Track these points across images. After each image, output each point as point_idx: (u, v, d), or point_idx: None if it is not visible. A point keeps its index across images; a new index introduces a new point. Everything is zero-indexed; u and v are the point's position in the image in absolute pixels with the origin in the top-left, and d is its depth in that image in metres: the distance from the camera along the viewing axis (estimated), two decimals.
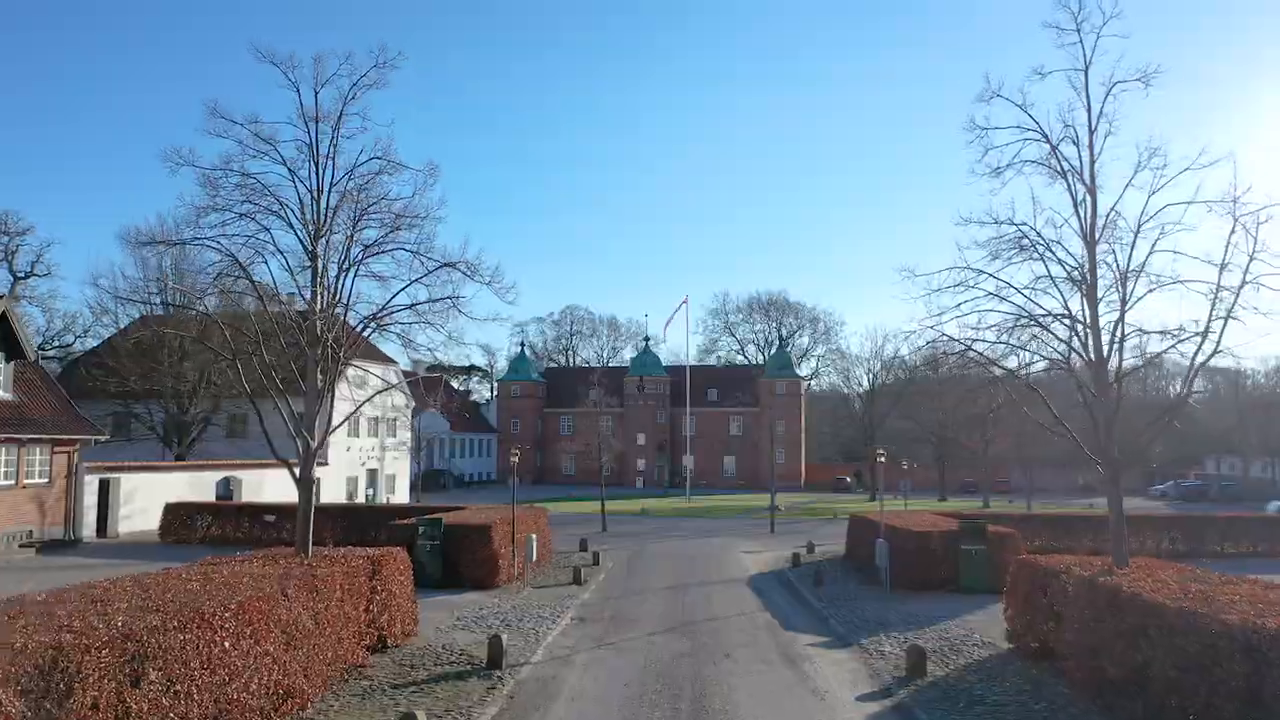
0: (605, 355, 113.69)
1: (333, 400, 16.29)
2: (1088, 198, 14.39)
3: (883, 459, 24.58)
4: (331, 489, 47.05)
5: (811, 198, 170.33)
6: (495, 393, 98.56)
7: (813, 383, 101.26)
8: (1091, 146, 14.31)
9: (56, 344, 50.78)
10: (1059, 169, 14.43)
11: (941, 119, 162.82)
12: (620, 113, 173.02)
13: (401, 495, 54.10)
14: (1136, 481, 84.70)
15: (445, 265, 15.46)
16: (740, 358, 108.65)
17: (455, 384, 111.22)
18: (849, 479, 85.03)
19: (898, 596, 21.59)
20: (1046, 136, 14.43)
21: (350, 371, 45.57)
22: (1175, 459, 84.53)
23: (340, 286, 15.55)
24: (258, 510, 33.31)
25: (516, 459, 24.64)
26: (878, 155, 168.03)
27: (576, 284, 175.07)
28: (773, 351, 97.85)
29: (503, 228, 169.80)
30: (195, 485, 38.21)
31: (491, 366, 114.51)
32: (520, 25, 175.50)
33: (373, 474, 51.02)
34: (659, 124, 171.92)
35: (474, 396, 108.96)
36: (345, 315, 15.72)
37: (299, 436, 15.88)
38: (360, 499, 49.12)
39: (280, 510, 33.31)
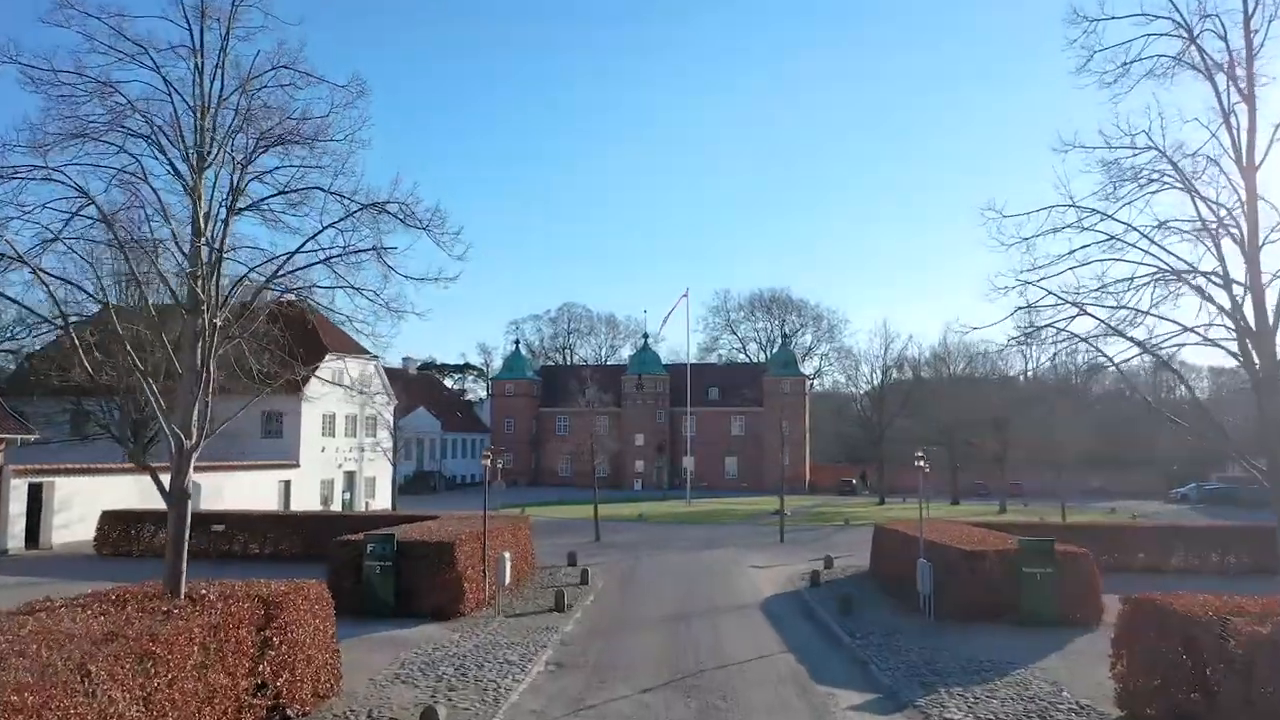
0: (604, 353, 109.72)
1: (209, 382, 12.14)
2: (1241, 109, 10.34)
3: (923, 464, 20.50)
4: (305, 493, 43.03)
5: (813, 193, 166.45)
6: (490, 391, 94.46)
7: (815, 382, 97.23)
8: (1248, 38, 10.27)
9: (7, 337, 46.69)
10: (1202, 68, 10.38)
11: (944, 100, 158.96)
12: (618, 108, 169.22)
13: (384, 500, 50.01)
14: (1153, 484, 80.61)
15: (370, 206, 11.38)
16: (742, 356, 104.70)
17: (449, 382, 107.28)
18: (854, 481, 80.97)
19: (946, 629, 17.54)
20: (1184, 25, 10.38)
21: (327, 364, 41.16)
22: (1193, 460, 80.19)
23: (228, 233, 11.47)
24: (205, 520, 29.24)
25: (489, 462, 20.58)
26: (880, 148, 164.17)
27: (574, 281, 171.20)
28: (775, 349, 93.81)
29: (499, 223, 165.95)
30: (145, 490, 33.82)
31: (487, 365, 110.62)
32: (518, 20, 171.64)
33: (351, 476, 46.95)
34: (658, 118, 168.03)
35: (469, 395, 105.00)
36: (220, 264, 11.54)
37: (170, 434, 11.81)
38: (336, 505, 45.05)
39: (230, 519, 29.30)
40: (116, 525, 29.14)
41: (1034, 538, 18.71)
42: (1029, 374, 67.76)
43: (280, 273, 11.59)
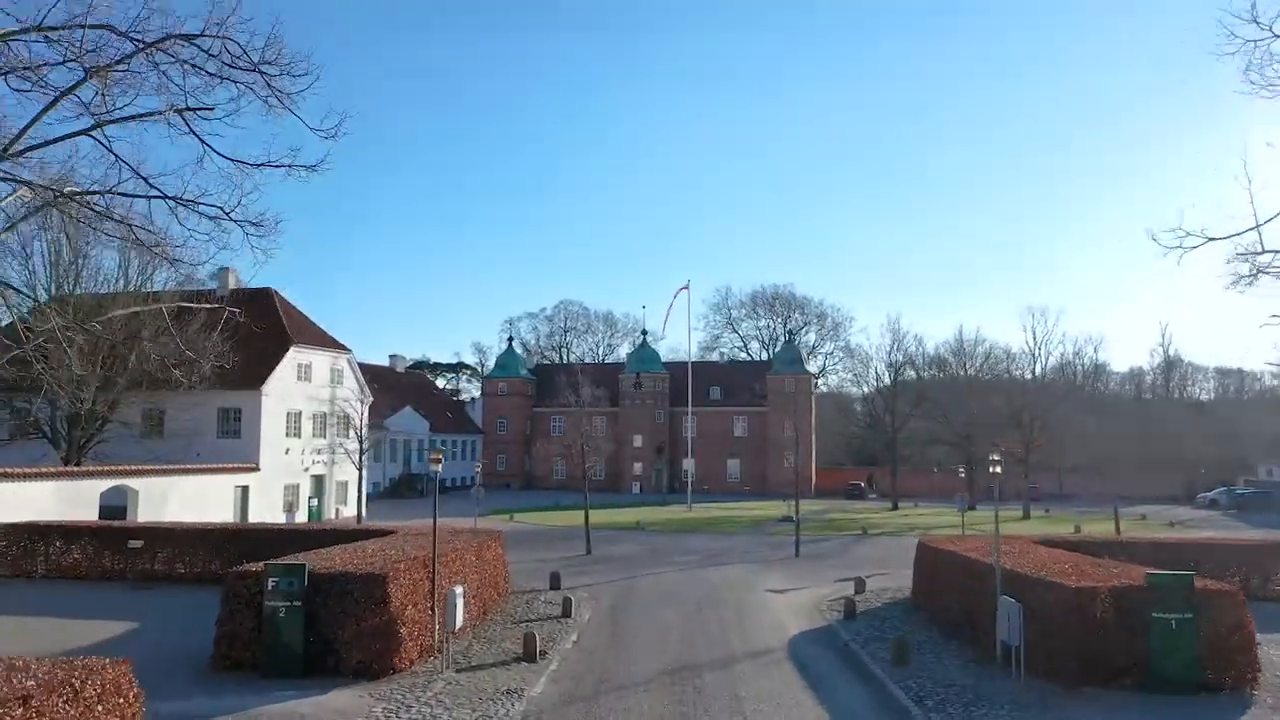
0: (601, 352, 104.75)
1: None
2: None
3: (998, 464, 15.70)
4: (266, 500, 38.15)
5: (816, 186, 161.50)
6: (483, 390, 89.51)
7: (819, 382, 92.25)
8: None
9: None
10: None
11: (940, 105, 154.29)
12: (617, 106, 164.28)
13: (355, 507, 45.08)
14: (1174, 488, 75.76)
15: (167, 41, 6.58)
16: (743, 355, 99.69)
17: (442, 382, 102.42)
18: (863, 485, 76.07)
19: (1047, 696, 12.73)
20: None
21: (292, 356, 36.25)
22: (1221, 464, 75.35)
23: None
24: (120, 534, 24.42)
25: (439, 466, 15.72)
26: (882, 145, 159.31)
27: (572, 279, 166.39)
28: (779, 347, 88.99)
29: (494, 218, 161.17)
30: (70, 498, 29.21)
31: (482, 365, 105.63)
32: (517, 16, 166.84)
33: (319, 481, 42.05)
34: (656, 114, 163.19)
35: (463, 396, 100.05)
36: None
37: None
38: (302, 513, 40.15)
39: (151, 534, 24.41)
40: (17, 540, 24.22)
41: (1166, 572, 13.78)
42: (1037, 375, 63.15)
43: (17, 149, 6.72)
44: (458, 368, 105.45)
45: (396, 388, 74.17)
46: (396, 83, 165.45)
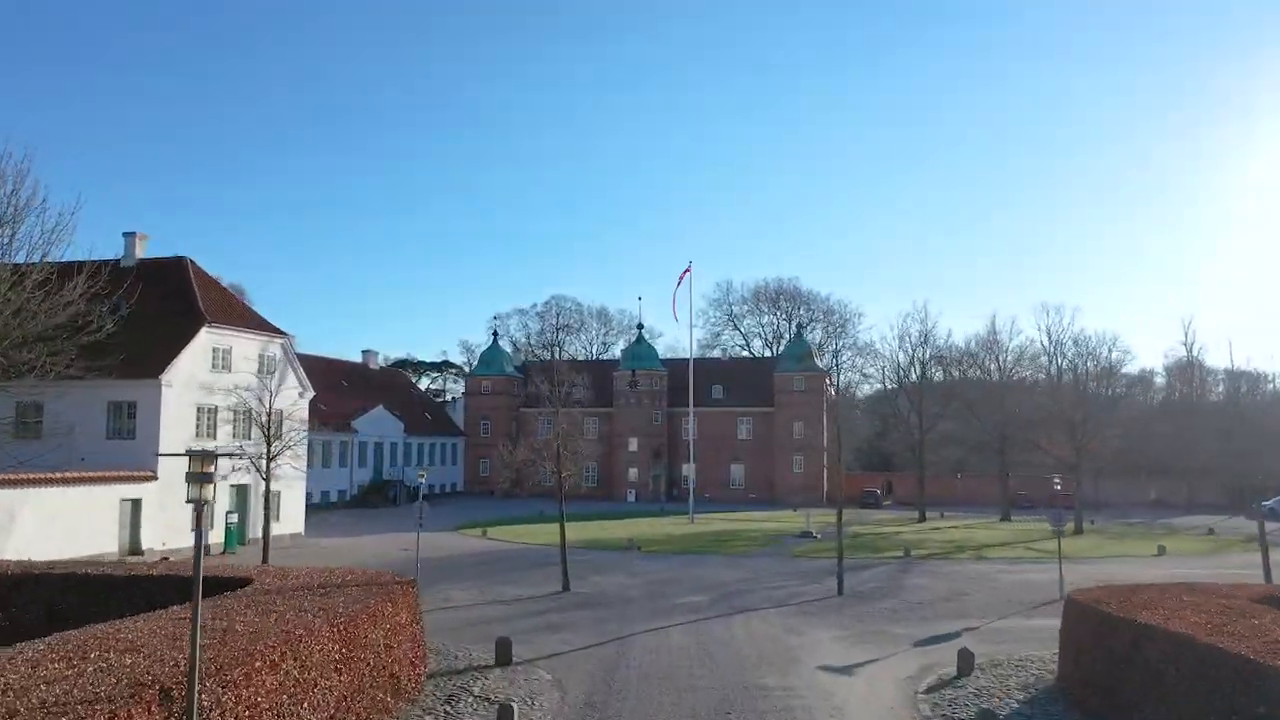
0: (595, 350, 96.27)
1: None
2: None
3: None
4: (166, 517, 29.69)
5: (819, 179, 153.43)
6: (465, 389, 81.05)
7: (826, 381, 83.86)
8: None
9: None
10: None
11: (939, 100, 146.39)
12: (613, 97, 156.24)
13: (293, 524, 36.57)
14: (1221, 497, 67.66)
15: None
16: (745, 353, 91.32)
17: (425, 382, 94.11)
18: (879, 492, 67.87)
19: None
20: None
21: (205, 339, 26.55)
22: (1263, 469, 67.00)
23: None
24: None
25: (209, 492, 7.53)
26: (886, 135, 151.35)
27: (566, 276, 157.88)
28: (786, 343, 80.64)
29: (488, 215, 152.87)
30: None
31: (470, 365, 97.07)
32: (514, 11, 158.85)
33: (242, 492, 33.52)
34: (654, 107, 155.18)
35: (448, 396, 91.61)
36: None
37: None
38: (219, 531, 31.62)
39: None
40: None
41: None
42: (1052, 374, 55.24)
43: None
44: (442, 366, 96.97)
45: (369, 386, 65.92)
46: (387, 77, 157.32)
